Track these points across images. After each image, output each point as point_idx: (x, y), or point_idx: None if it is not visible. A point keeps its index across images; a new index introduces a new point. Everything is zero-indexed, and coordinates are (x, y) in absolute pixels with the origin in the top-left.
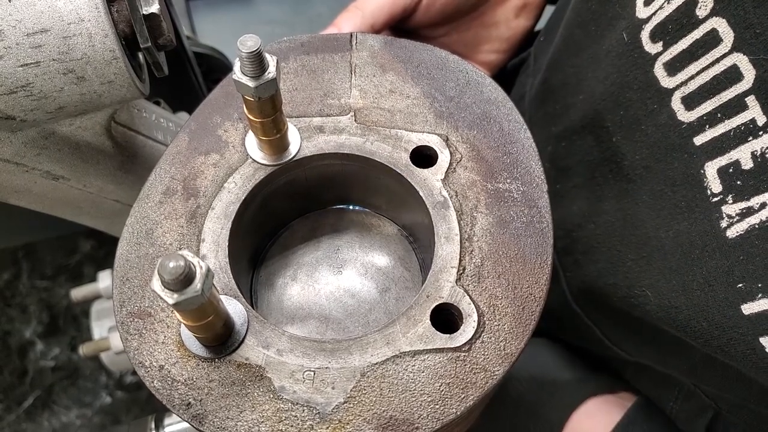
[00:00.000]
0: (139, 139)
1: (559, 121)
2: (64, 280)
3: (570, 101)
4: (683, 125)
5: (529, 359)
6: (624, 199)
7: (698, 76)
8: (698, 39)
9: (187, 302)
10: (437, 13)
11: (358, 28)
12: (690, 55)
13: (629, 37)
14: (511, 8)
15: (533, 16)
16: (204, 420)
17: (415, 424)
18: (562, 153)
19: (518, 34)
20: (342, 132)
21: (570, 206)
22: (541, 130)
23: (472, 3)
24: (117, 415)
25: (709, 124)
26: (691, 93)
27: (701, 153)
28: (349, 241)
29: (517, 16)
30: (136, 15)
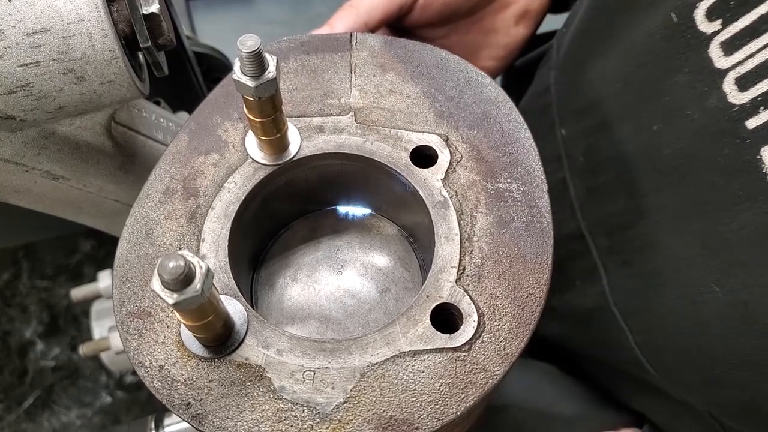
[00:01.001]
0: (139, 139)
1: (592, 112)
2: (64, 280)
3: (606, 92)
4: (734, 108)
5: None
6: (669, 192)
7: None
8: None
9: (187, 302)
10: (434, 13)
11: (351, 27)
12: (752, 31)
13: (679, 18)
14: (512, 16)
15: (533, 25)
16: (204, 420)
17: (415, 424)
18: (597, 146)
19: (517, 42)
20: (342, 132)
21: (610, 204)
22: (573, 123)
23: (470, 6)
24: (117, 415)
25: (764, 105)
26: (747, 73)
27: (756, 137)
28: (349, 242)
29: (517, 24)
30: (136, 15)
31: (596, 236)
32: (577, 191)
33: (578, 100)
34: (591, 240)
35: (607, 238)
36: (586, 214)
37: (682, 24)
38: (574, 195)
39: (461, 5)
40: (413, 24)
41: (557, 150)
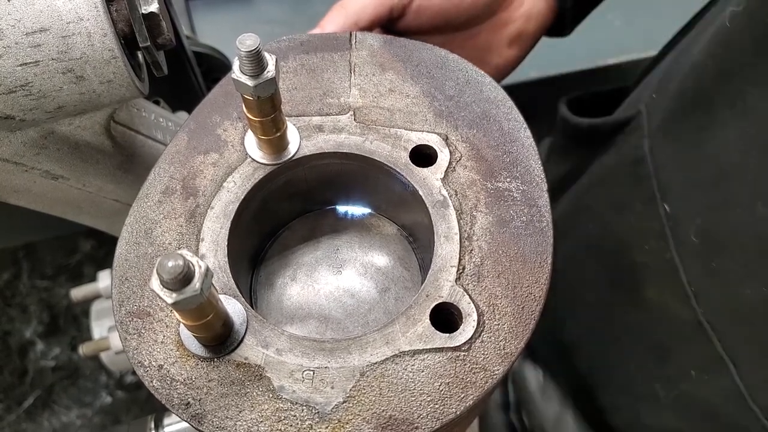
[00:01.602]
0: (139, 139)
1: (713, 190)
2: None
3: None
4: None
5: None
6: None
7: None
8: None
9: (186, 302)
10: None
11: (341, 28)
12: None
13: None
14: (506, 36)
15: (525, 48)
16: (203, 419)
17: (415, 424)
18: (718, 227)
19: (509, 63)
20: (341, 131)
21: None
22: (681, 199)
23: (465, 20)
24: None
25: None
26: None
27: None
28: (349, 241)
29: (510, 46)
30: (135, 14)
31: (719, 325)
32: (690, 275)
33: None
34: (711, 329)
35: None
36: (703, 300)
37: None
38: (686, 279)
39: (455, 17)
40: (406, 29)
41: (660, 227)
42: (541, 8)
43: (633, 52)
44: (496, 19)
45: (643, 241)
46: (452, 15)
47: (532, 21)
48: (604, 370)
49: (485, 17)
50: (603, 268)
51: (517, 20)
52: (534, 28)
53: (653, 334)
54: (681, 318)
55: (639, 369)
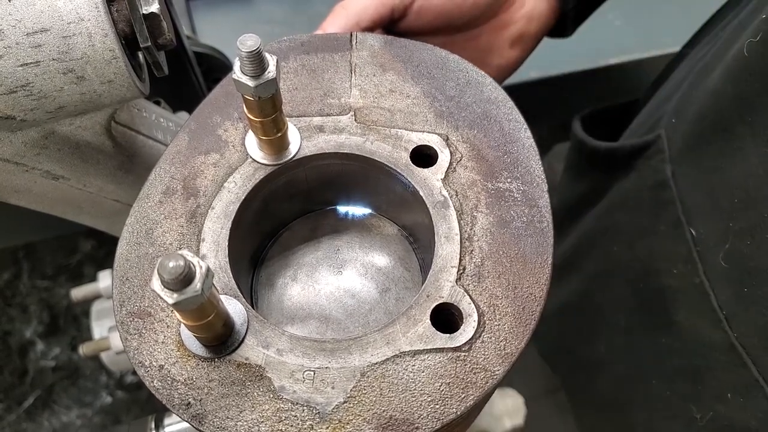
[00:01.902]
0: (139, 139)
1: (741, 215)
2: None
3: (757, 194)
4: None
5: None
6: None
7: None
8: None
9: (187, 302)
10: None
11: (342, 28)
12: None
13: None
14: (507, 38)
15: (527, 49)
16: (204, 420)
17: (415, 424)
18: (748, 252)
19: (510, 64)
20: (342, 131)
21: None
22: (708, 224)
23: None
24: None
25: None
26: None
27: None
28: (349, 242)
29: (512, 47)
30: (136, 14)
31: (753, 349)
32: (721, 299)
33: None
34: (745, 353)
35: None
36: (736, 324)
37: None
38: (717, 303)
39: (456, 18)
40: (407, 29)
41: (687, 251)
42: (543, 9)
43: (633, 52)
44: (498, 21)
45: (671, 265)
46: (454, 16)
47: (534, 22)
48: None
49: (486, 18)
50: (631, 290)
51: (519, 21)
52: (535, 29)
53: (685, 356)
54: (713, 341)
55: (670, 389)
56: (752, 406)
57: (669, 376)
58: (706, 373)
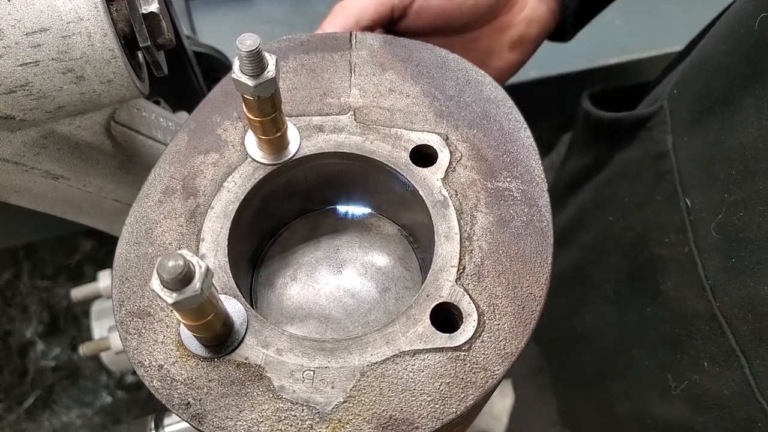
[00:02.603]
0: (139, 139)
1: (736, 187)
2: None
3: (755, 167)
4: None
5: None
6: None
7: None
8: None
9: (186, 302)
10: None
11: (342, 28)
12: None
13: None
14: (507, 40)
15: (527, 52)
16: (203, 419)
17: (415, 424)
18: (740, 224)
19: (509, 67)
20: (341, 131)
21: (757, 286)
22: (704, 195)
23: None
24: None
25: None
26: None
27: None
28: (349, 241)
29: (512, 50)
30: (136, 14)
31: (734, 319)
32: (709, 269)
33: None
34: (725, 322)
35: (750, 323)
36: (719, 293)
37: None
38: (703, 272)
39: (456, 19)
40: (407, 30)
41: (680, 221)
42: (543, 13)
43: (633, 52)
44: (498, 23)
45: (664, 235)
46: (453, 17)
47: (534, 25)
48: (616, 360)
49: (486, 20)
50: (623, 259)
51: (519, 24)
52: (535, 32)
53: (668, 325)
54: (696, 311)
55: (651, 359)
56: (726, 376)
57: (651, 346)
58: (687, 342)
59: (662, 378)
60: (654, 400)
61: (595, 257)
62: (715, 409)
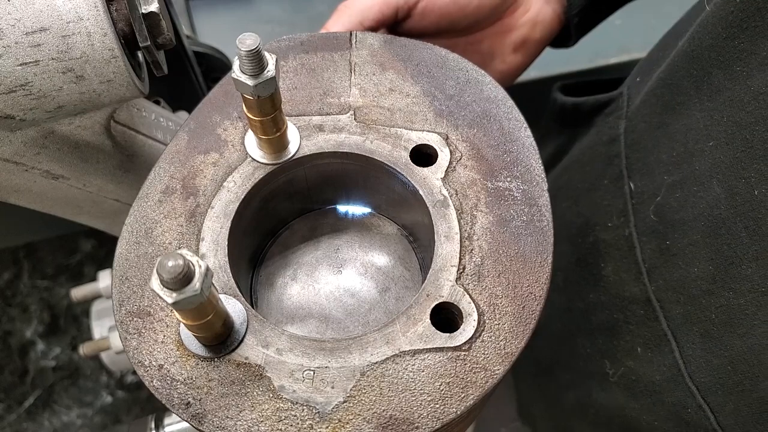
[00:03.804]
0: (139, 138)
1: (675, 169)
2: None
3: (694, 147)
4: None
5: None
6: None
7: None
8: None
9: (186, 301)
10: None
11: (345, 28)
12: None
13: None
14: (511, 43)
15: (530, 55)
16: (203, 419)
17: (415, 424)
18: (675, 205)
19: (513, 70)
20: (341, 131)
21: (688, 267)
22: (645, 177)
23: (469, 23)
24: (118, 415)
25: None
26: None
27: None
28: (349, 241)
29: (515, 52)
30: (135, 14)
31: (666, 302)
32: (645, 252)
33: (654, 153)
34: (659, 306)
35: (681, 305)
36: (654, 277)
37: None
38: (641, 256)
39: (459, 20)
40: (411, 30)
41: (623, 204)
42: (547, 15)
43: (633, 52)
44: (501, 25)
45: (608, 219)
46: (457, 18)
47: (538, 28)
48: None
49: (490, 22)
50: (571, 246)
51: (523, 26)
52: (539, 35)
53: (607, 311)
54: (633, 295)
55: (592, 346)
56: (658, 360)
57: (591, 333)
58: (623, 327)
59: (601, 365)
60: (595, 388)
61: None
62: (648, 394)
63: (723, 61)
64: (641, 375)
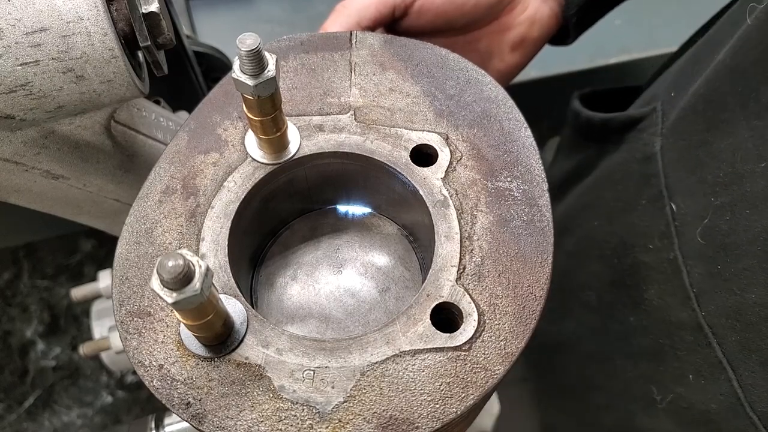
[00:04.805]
0: (139, 138)
1: (723, 190)
2: (65, 280)
3: (743, 168)
4: None
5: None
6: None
7: None
8: None
9: (186, 301)
10: (429, 21)
11: (343, 28)
12: None
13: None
14: (508, 41)
15: (528, 53)
16: (203, 419)
17: (415, 424)
18: (726, 228)
19: (511, 69)
20: (342, 131)
21: (744, 293)
22: (689, 198)
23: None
24: (118, 415)
25: None
26: None
27: None
28: (349, 241)
29: (513, 51)
30: (136, 14)
31: (720, 329)
32: (693, 276)
33: (699, 174)
34: (711, 333)
35: (737, 333)
36: (705, 302)
37: None
38: (688, 280)
39: (457, 18)
40: (408, 29)
41: (665, 226)
42: (545, 14)
43: (633, 52)
44: (499, 24)
45: (648, 240)
46: (455, 17)
47: (536, 26)
48: (599, 370)
49: (488, 21)
50: (605, 266)
51: (520, 25)
52: (537, 33)
53: (652, 335)
54: (681, 320)
55: (634, 370)
56: (713, 389)
57: (633, 357)
58: (670, 353)
59: (646, 390)
60: (639, 413)
61: (578, 263)
62: (703, 423)
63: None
64: (694, 403)
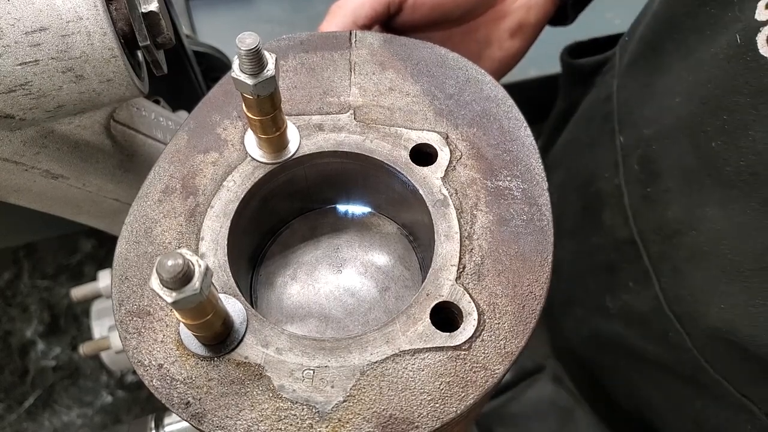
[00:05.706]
0: (139, 138)
1: (651, 123)
2: (65, 280)
3: (666, 103)
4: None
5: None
6: (729, 206)
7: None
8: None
9: (186, 301)
10: (424, 15)
11: (340, 27)
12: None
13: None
14: (506, 28)
15: (528, 38)
16: (203, 419)
17: (415, 423)
18: (653, 156)
19: (511, 55)
20: (341, 130)
21: (664, 211)
22: (631, 131)
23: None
24: (118, 415)
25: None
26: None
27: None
28: (349, 240)
29: (512, 37)
30: (135, 13)
31: (648, 243)
32: (631, 198)
33: (639, 109)
34: (642, 246)
35: (659, 245)
36: (638, 220)
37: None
38: (628, 202)
39: (451, 10)
40: (404, 24)
41: (615, 157)
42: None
43: None
44: (495, 11)
45: (605, 170)
46: (449, 8)
47: (533, 10)
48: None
49: (483, 10)
50: (579, 195)
51: (517, 11)
52: (535, 17)
53: (606, 251)
54: (623, 236)
55: (596, 283)
56: (645, 294)
57: (595, 271)
58: (618, 265)
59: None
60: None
61: (561, 193)
62: (641, 323)
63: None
64: (634, 307)
